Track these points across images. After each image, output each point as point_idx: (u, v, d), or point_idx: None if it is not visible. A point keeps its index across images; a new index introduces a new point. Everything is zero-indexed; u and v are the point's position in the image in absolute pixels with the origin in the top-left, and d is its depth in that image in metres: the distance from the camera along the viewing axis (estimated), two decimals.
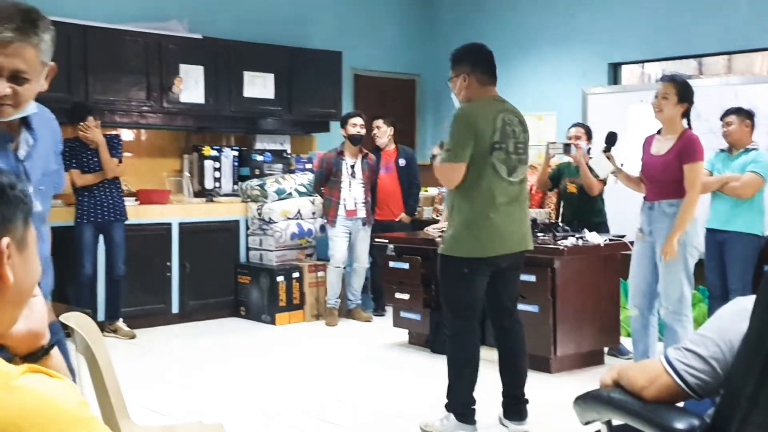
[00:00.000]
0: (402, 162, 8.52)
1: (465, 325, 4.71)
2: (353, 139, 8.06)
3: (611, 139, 6.11)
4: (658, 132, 5.59)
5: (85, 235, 7.22)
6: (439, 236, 5.53)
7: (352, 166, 8.08)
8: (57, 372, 1.24)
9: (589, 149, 6.85)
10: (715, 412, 2.14)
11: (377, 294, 8.61)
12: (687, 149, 5.35)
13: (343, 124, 8.19)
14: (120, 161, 7.40)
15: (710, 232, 6.38)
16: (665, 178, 5.43)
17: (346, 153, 8.09)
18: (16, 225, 1.36)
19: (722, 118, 6.50)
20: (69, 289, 7.39)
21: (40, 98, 2.42)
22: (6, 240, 1.34)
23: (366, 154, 8.22)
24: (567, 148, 6.73)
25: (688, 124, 5.50)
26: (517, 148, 4.69)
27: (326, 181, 8.10)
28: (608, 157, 5.87)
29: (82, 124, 7.18)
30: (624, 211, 7.05)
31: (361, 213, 8.12)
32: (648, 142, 5.65)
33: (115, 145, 7.39)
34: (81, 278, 7.23)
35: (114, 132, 7.87)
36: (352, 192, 8.06)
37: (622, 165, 5.89)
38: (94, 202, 7.23)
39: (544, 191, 7.80)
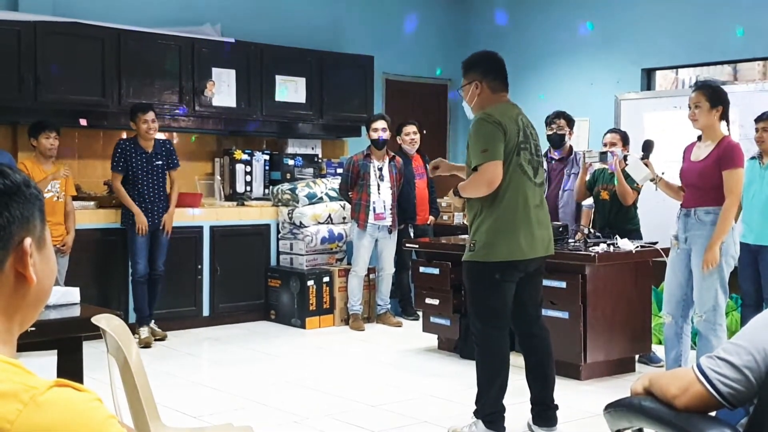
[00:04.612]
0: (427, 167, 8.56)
1: (495, 334, 4.68)
2: (376, 143, 8.07)
3: (648, 146, 6.05)
4: (699, 139, 5.55)
5: (138, 237, 7.28)
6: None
7: (380, 169, 8.08)
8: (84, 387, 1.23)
9: (625, 156, 6.80)
10: (749, 421, 2.11)
11: (405, 298, 8.64)
12: (726, 155, 5.30)
13: (367, 129, 8.22)
14: (178, 166, 7.56)
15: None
16: (702, 184, 5.38)
17: (372, 156, 8.10)
18: (35, 224, 1.35)
19: (756, 121, 6.40)
20: (113, 289, 7.52)
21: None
22: (29, 240, 1.33)
23: (393, 156, 8.22)
24: (603, 156, 6.67)
25: (728, 127, 5.45)
26: (537, 150, 4.69)
27: (353, 184, 8.10)
28: (646, 164, 5.83)
29: (141, 116, 7.24)
30: (657, 218, 7.00)
31: (388, 220, 8.11)
32: (689, 149, 5.62)
33: (170, 152, 7.48)
34: (138, 277, 7.31)
35: (164, 137, 7.93)
36: (381, 195, 8.05)
37: (663, 173, 5.82)
38: (144, 209, 7.29)
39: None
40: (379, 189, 8.05)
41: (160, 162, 7.38)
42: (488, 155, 4.47)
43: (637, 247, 6.21)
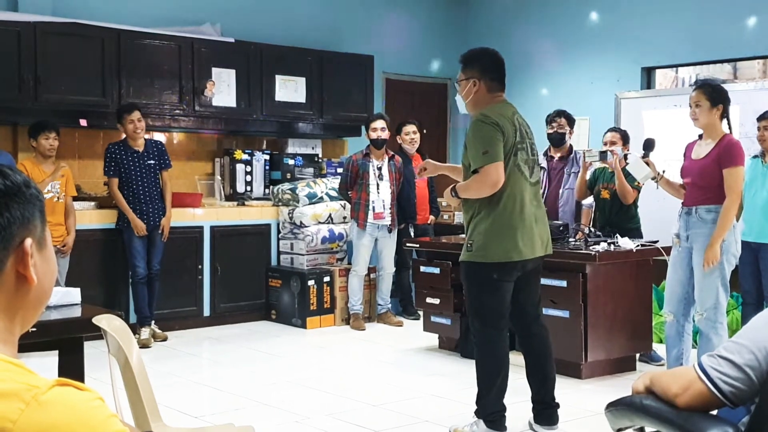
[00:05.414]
0: None
1: (495, 334, 4.68)
2: (375, 143, 8.07)
3: (649, 145, 6.05)
4: (700, 137, 5.55)
5: (135, 240, 7.29)
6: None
7: (379, 168, 8.07)
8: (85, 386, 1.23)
9: (625, 155, 6.79)
10: (750, 420, 2.11)
11: (406, 298, 8.64)
12: (727, 153, 5.30)
13: (366, 128, 8.23)
14: (170, 166, 7.57)
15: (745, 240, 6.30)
16: (703, 183, 5.38)
17: (372, 155, 8.10)
18: (36, 224, 1.36)
19: (758, 120, 6.39)
20: (113, 290, 7.51)
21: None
22: (29, 241, 1.33)
23: (392, 155, 8.22)
24: (603, 155, 6.67)
25: (729, 125, 5.45)
26: (533, 149, 4.70)
27: (353, 183, 8.10)
28: (647, 163, 5.83)
29: (127, 117, 7.24)
30: (658, 217, 6.99)
31: (388, 219, 8.11)
32: (690, 147, 5.62)
33: (162, 152, 7.48)
34: (138, 278, 7.32)
35: (155, 138, 7.93)
36: (381, 194, 8.05)
37: (663, 171, 5.83)
38: (140, 209, 7.31)
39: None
40: (378, 188, 8.04)
41: (152, 161, 7.38)
42: (489, 157, 4.47)
43: (638, 245, 6.21)
